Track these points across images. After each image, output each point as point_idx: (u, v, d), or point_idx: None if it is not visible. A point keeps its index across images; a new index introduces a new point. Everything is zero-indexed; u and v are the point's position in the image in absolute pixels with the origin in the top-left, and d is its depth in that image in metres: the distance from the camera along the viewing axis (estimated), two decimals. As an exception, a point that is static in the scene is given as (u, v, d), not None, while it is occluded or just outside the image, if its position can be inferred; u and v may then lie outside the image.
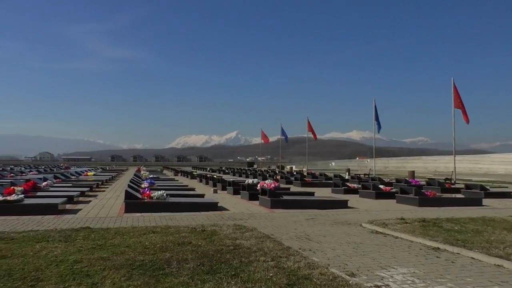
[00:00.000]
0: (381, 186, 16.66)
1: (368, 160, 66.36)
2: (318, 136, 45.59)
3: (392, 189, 16.37)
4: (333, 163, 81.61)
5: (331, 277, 4.50)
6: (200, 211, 10.64)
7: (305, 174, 32.77)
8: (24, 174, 28.96)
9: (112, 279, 4.31)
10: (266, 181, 15.47)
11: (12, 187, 11.82)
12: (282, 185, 20.35)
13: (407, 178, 25.55)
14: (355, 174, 33.84)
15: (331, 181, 22.04)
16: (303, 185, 22.17)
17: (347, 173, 35.08)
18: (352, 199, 13.85)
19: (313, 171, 39.53)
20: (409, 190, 13.99)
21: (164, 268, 4.73)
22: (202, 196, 13.78)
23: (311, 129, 43.30)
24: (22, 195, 10.68)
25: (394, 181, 23.25)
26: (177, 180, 25.73)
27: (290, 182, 24.31)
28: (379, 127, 32.46)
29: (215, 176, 25.09)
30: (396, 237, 7.17)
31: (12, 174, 27.49)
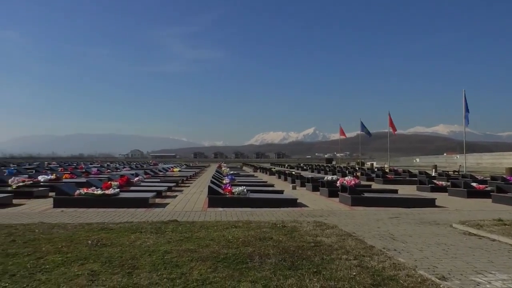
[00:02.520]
0: (474, 184, 15.36)
1: (458, 156, 61.52)
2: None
3: (486, 187, 15.00)
4: (418, 159, 77.04)
5: (419, 280, 4.27)
6: (280, 207, 10.74)
7: (387, 170, 31.42)
8: (118, 170, 31.68)
9: (199, 270, 4.53)
10: (346, 178, 15.11)
11: (109, 182, 13.00)
12: (362, 182, 19.79)
13: (504, 176, 23.26)
14: (442, 171, 31.61)
15: (416, 178, 20.84)
16: (385, 182, 21.34)
17: (433, 170, 32.93)
18: (440, 197, 13.00)
19: (395, 168, 37.75)
20: (508, 188, 12.75)
21: (247, 262, 4.86)
22: (281, 192, 13.88)
23: (391, 124, 41.34)
24: (118, 190, 11.69)
25: (488, 178, 21.31)
26: (256, 176, 26.23)
27: (371, 179, 23.52)
28: (468, 120, 29.92)
29: (293, 173, 25.14)
30: (493, 240, 6.57)
31: (108, 170, 30.24)
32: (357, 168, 37.02)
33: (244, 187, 11.95)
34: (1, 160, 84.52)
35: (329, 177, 17.38)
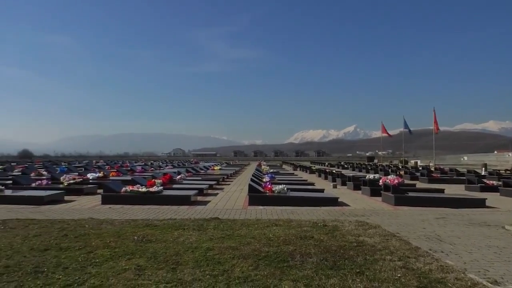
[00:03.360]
0: (528, 184, 14.49)
1: (510, 153, 58.27)
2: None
3: (543, 187, 14.10)
4: (465, 158, 73.71)
5: (469, 283, 4.08)
6: (320, 205, 10.64)
7: (432, 169, 30.28)
8: (161, 168, 32.57)
9: (241, 267, 4.58)
10: (389, 177, 14.70)
11: (153, 180, 13.41)
12: (406, 181, 19.19)
13: (562, 175, 21.77)
14: (493, 170, 30.05)
15: (464, 178, 19.96)
16: (430, 181, 20.59)
17: (483, 168, 31.39)
18: (491, 197, 12.38)
19: (441, 166, 36.30)
20: None
21: (288, 261, 4.85)
22: (321, 191, 13.74)
23: (435, 122, 39.81)
24: (161, 187, 12.03)
25: (545, 178, 20.01)
26: (296, 175, 26.11)
27: (415, 178, 22.79)
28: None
29: (334, 171, 24.80)
30: (551, 243, 6.17)
31: (152, 168, 31.18)
32: (400, 167, 35.93)
33: (284, 185, 11.94)
34: (53, 158, 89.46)
35: (371, 176, 16.97)
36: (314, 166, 37.79)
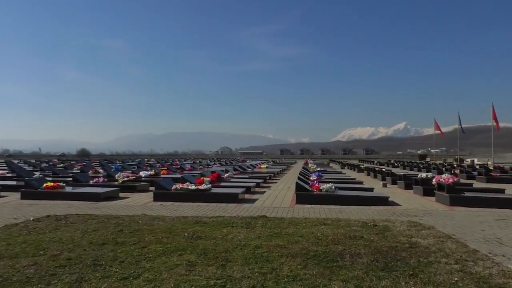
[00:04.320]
0: None
1: None
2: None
3: None
4: (529, 155, 68.75)
5: (534, 290, 3.81)
6: (370, 205, 10.38)
7: (491, 168, 28.53)
8: (209, 166, 33.22)
9: (289, 266, 4.57)
10: (443, 175, 14.04)
11: (202, 178, 13.70)
12: (462, 180, 18.27)
13: None
14: (560, 169, 27.77)
15: (527, 177, 18.65)
16: (488, 181, 19.41)
17: (549, 167, 29.08)
18: (559, 198, 11.43)
19: (501, 165, 34.13)
20: None
21: (337, 261, 4.78)
22: (371, 190, 13.38)
23: (495, 118, 37.47)
24: (210, 185, 12.27)
25: None
26: (344, 173, 25.62)
27: (471, 177, 21.62)
28: None
29: (383, 170, 24.08)
30: None
31: (200, 166, 31.87)
32: (455, 165, 34.23)
33: (332, 184, 11.76)
34: (108, 157, 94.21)
35: (424, 175, 16.30)
36: (363, 165, 36.88)
